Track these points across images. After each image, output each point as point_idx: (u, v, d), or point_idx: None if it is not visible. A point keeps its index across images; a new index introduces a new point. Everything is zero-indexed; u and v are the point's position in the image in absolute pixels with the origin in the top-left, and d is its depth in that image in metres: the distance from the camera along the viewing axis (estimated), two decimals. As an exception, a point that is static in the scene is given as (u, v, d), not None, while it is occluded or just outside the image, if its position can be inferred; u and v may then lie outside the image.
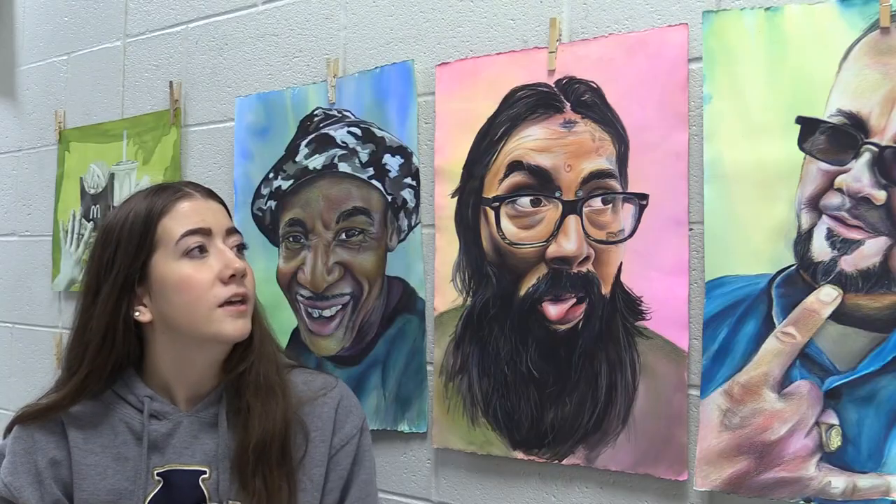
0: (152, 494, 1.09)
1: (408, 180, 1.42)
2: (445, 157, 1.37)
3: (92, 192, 1.98)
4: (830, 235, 1.05)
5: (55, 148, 2.10)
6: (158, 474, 1.10)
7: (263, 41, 1.67)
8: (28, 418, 1.11)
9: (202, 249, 1.09)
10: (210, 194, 1.16)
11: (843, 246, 1.05)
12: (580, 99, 1.24)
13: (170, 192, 1.12)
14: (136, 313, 1.09)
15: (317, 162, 1.52)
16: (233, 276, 1.08)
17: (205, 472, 1.11)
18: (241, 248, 1.15)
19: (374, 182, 1.46)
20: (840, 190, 1.05)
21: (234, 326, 1.09)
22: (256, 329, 1.15)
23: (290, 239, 1.56)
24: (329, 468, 1.18)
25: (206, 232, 1.10)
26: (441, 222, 1.37)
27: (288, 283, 1.56)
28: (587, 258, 1.22)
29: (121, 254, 1.08)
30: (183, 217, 1.09)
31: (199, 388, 1.14)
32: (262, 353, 1.14)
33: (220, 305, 1.08)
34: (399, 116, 1.44)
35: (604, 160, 1.21)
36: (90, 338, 1.09)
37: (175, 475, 1.10)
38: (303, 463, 1.14)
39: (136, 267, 1.08)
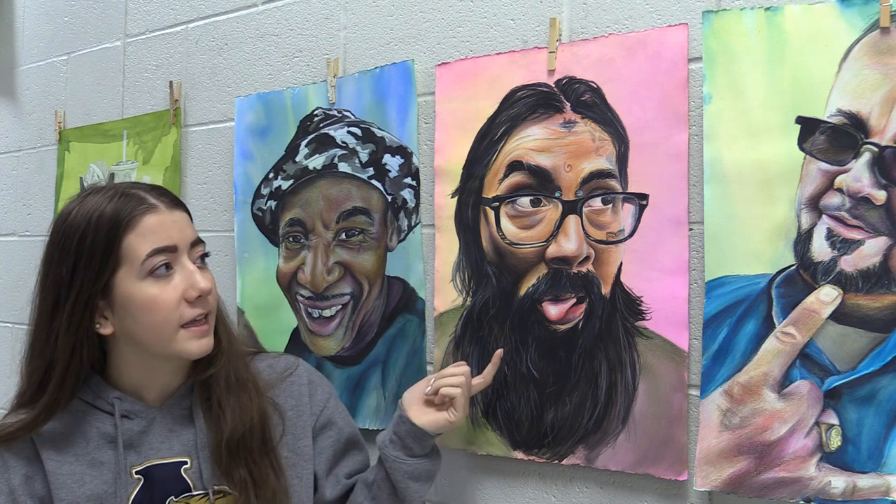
0: (134, 493, 1.08)
1: (408, 180, 1.42)
2: (445, 157, 1.37)
3: (92, 192, 1.98)
4: (830, 235, 1.05)
5: (55, 148, 2.10)
6: (137, 472, 1.09)
7: (263, 41, 1.67)
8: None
9: (168, 267, 1.06)
10: (175, 203, 1.11)
11: (843, 246, 1.05)
12: (580, 99, 1.24)
13: (134, 202, 1.06)
14: (98, 325, 1.07)
15: (317, 162, 1.52)
16: (199, 296, 1.07)
17: (186, 463, 1.10)
18: (203, 258, 1.12)
19: (374, 182, 1.46)
20: (840, 190, 1.05)
21: (198, 345, 1.08)
22: (221, 329, 1.15)
23: (290, 239, 1.56)
24: (318, 433, 1.22)
25: (171, 249, 1.06)
26: (441, 222, 1.37)
27: (288, 283, 1.56)
28: (587, 258, 1.22)
29: (82, 268, 1.04)
30: (149, 233, 1.05)
31: (167, 387, 1.13)
32: (230, 353, 1.15)
33: (184, 325, 1.07)
34: (399, 116, 1.44)
35: (604, 160, 1.21)
36: (56, 356, 1.06)
37: (155, 471, 1.09)
38: (284, 440, 1.16)
39: (100, 284, 1.04)
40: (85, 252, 1.04)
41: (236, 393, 1.12)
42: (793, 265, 1.08)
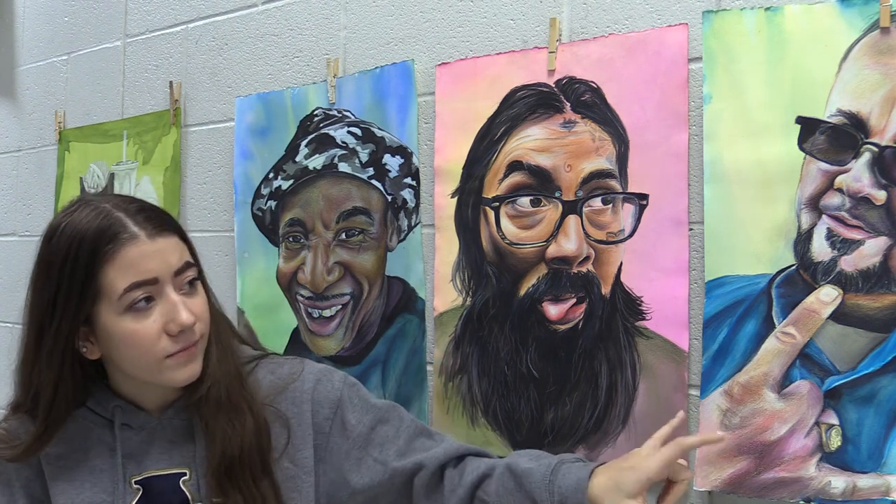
0: None
1: (408, 180, 1.42)
2: (445, 157, 1.37)
3: (92, 192, 1.98)
4: (830, 235, 1.05)
5: (55, 148, 2.10)
6: (136, 482, 1.08)
7: (263, 41, 1.67)
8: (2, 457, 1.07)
9: (148, 300, 1.02)
10: (160, 229, 1.05)
11: (843, 246, 1.05)
12: (580, 99, 1.24)
13: (114, 228, 1.02)
14: (84, 349, 1.05)
15: (317, 162, 1.52)
16: (181, 330, 1.03)
17: (185, 474, 1.09)
18: (193, 283, 1.07)
19: (374, 182, 1.46)
20: (840, 190, 1.05)
21: (183, 373, 1.05)
22: (213, 349, 1.10)
23: (290, 239, 1.56)
24: (337, 435, 1.13)
25: (151, 282, 1.02)
26: (441, 222, 1.37)
27: (288, 283, 1.56)
28: (587, 258, 1.22)
29: (62, 299, 1.01)
30: (127, 267, 1.00)
31: (163, 400, 1.11)
32: (220, 375, 1.09)
33: (168, 356, 1.03)
34: (399, 116, 1.44)
35: (604, 160, 1.21)
36: (44, 383, 1.04)
37: (154, 481, 1.08)
38: (287, 451, 1.12)
39: (81, 316, 1.02)
40: (64, 283, 1.02)
41: (227, 414, 1.08)
42: (793, 265, 1.08)
